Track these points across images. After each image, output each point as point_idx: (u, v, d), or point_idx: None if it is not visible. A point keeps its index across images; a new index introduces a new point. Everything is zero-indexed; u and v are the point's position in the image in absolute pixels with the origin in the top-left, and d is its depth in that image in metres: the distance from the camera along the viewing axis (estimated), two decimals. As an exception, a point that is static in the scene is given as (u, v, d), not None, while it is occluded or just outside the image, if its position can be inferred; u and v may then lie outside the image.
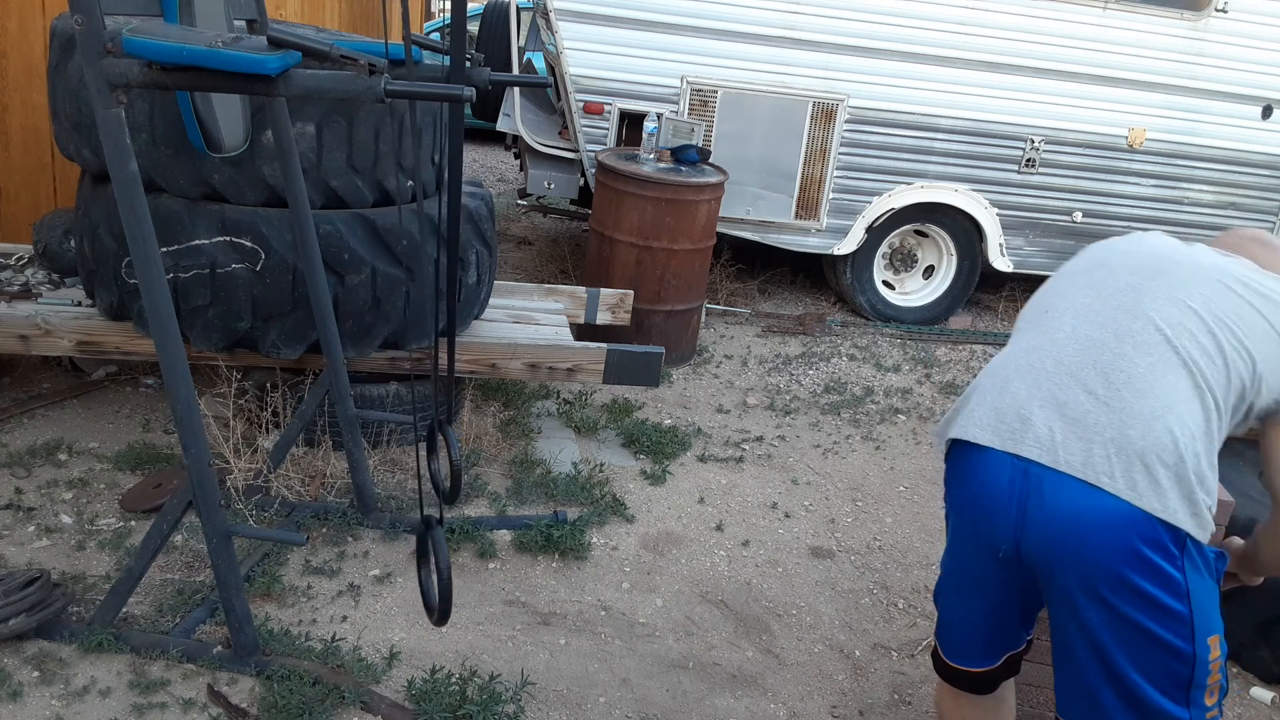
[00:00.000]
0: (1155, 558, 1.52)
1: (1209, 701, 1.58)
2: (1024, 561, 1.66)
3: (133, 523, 2.98)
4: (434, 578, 2.07)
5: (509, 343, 3.56)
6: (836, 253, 5.51)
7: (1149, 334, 1.61)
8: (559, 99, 5.38)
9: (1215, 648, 1.57)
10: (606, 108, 5.05)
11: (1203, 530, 1.54)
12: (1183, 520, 1.51)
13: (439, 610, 2.07)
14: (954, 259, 5.69)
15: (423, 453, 3.46)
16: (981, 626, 1.84)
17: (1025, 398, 1.64)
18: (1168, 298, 1.65)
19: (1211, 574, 1.58)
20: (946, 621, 1.90)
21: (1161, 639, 1.54)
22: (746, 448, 4.00)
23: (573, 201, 5.93)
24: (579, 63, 4.95)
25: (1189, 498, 1.52)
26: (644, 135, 4.83)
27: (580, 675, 2.58)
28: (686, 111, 5.08)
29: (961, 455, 1.74)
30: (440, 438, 2.44)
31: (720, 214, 4.79)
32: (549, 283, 5.29)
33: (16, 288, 3.45)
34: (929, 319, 5.76)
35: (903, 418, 4.48)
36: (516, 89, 5.42)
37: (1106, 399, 1.58)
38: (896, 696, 2.67)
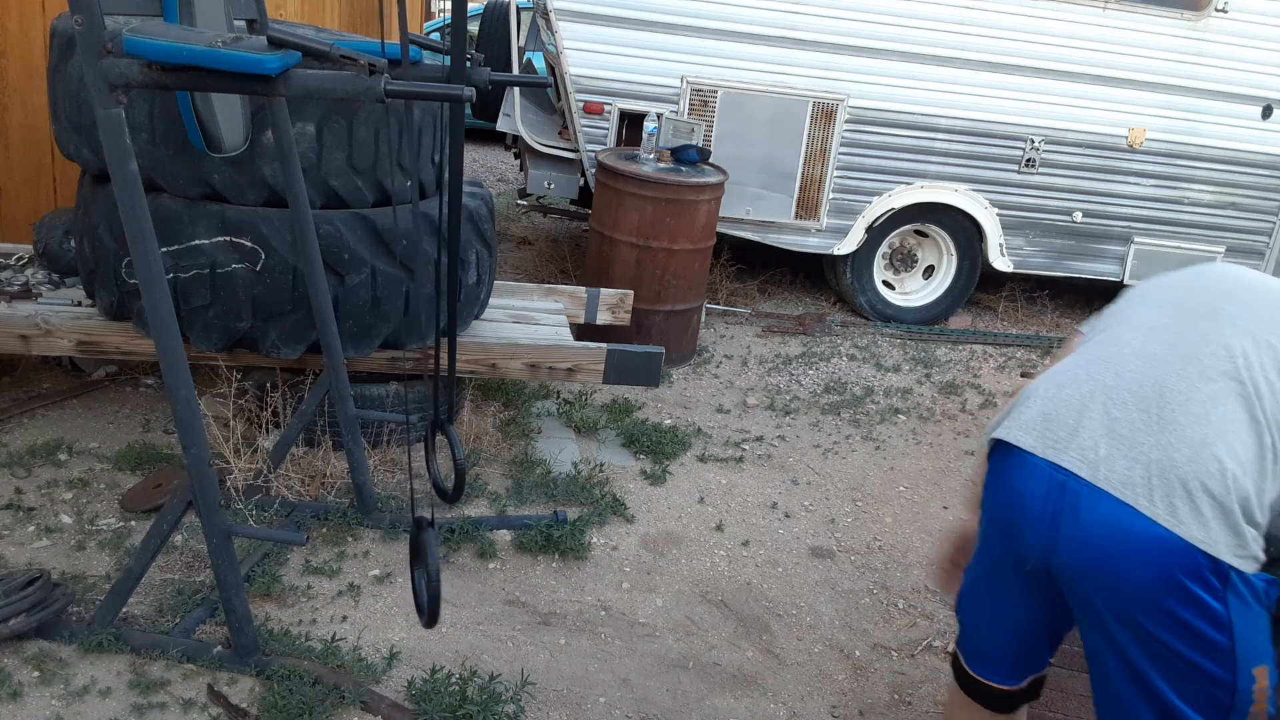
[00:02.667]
0: (1195, 588, 1.45)
1: None
2: (1053, 578, 1.61)
3: (133, 523, 2.98)
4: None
5: (509, 343, 3.56)
6: (836, 253, 5.51)
7: (1217, 361, 1.54)
8: (559, 99, 5.38)
9: (1262, 678, 1.50)
10: (606, 108, 5.05)
11: (1249, 562, 1.47)
12: (1223, 553, 1.44)
13: (428, 612, 2.07)
14: (954, 259, 5.69)
15: (418, 452, 3.46)
16: (1006, 639, 1.77)
17: (1078, 407, 1.59)
18: (1245, 329, 1.58)
19: (1261, 602, 1.50)
20: (970, 627, 1.83)
21: (1201, 667, 1.48)
22: (746, 448, 4.00)
23: (573, 201, 5.93)
24: (579, 63, 4.95)
25: (1234, 530, 1.45)
26: (644, 135, 4.83)
27: (580, 675, 2.58)
28: (686, 111, 5.08)
29: (1002, 458, 1.67)
30: (442, 437, 2.45)
31: (720, 214, 4.79)
32: (549, 283, 5.28)
33: (16, 288, 3.45)
34: (929, 319, 5.75)
35: (903, 418, 4.48)
36: (516, 89, 5.42)
37: (1159, 418, 1.51)
38: (896, 696, 2.67)
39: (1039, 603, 1.68)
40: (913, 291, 5.84)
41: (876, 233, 5.52)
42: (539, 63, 7.22)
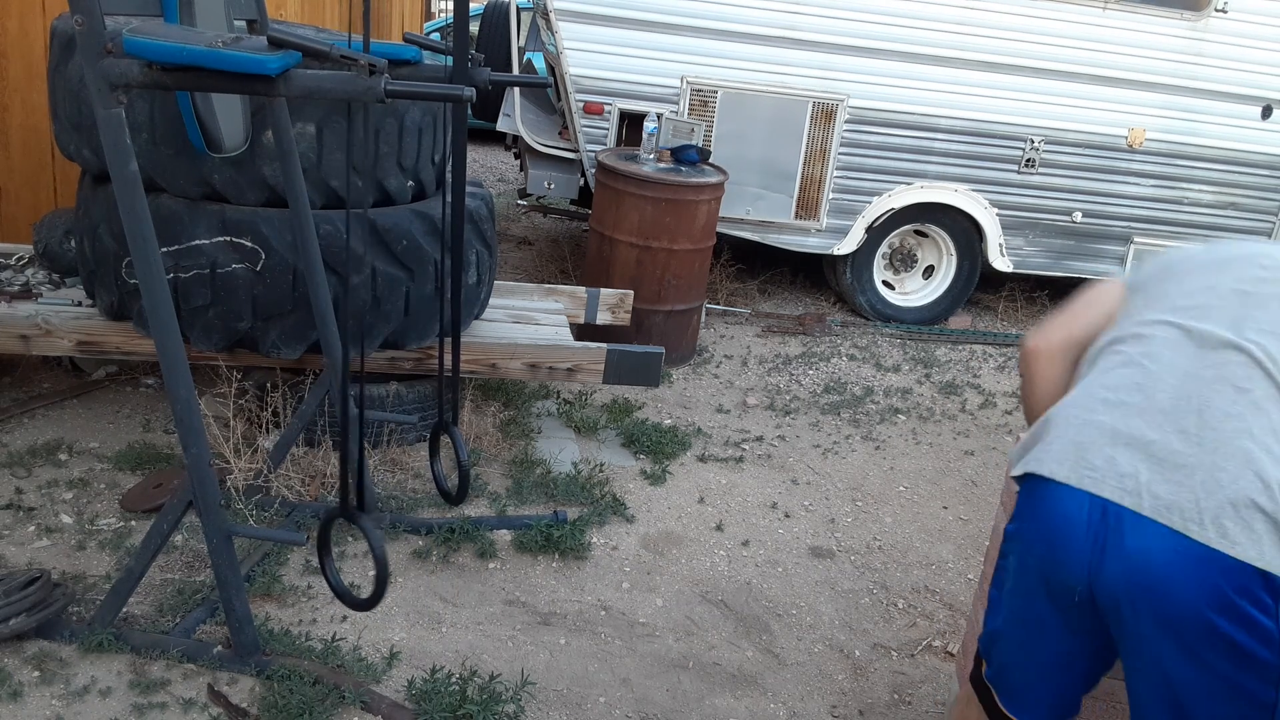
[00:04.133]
0: (1247, 607, 1.40)
1: None
2: (1097, 610, 1.53)
3: (133, 523, 2.98)
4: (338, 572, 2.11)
5: (509, 343, 3.56)
6: (836, 253, 5.51)
7: (1249, 370, 1.49)
8: (559, 99, 5.38)
9: None
10: (606, 108, 5.05)
11: None
12: (1279, 568, 1.39)
13: (373, 594, 2.13)
14: (954, 259, 5.69)
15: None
16: (1046, 677, 1.67)
17: (1111, 433, 1.52)
18: (1272, 330, 1.52)
19: None
20: (1004, 666, 1.72)
21: (1244, 688, 1.43)
22: (746, 448, 4.00)
23: (573, 201, 5.93)
24: (579, 63, 4.95)
25: None
26: (644, 135, 4.83)
27: (580, 675, 2.58)
28: (686, 111, 5.08)
29: (1036, 489, 1.59)
30: (445, 437, 2.44)
31: (720, 214, 4.79)
32: (549, 283, 5.29)
33: (17, 288, 3.45)
34: (929, 319, 5.76)
35: (903, 418, 4.48)
36: (516, 89, 5.42)
37: (1199, 440, 1.45)
38: (896, 696, 2.67)
39: (1080, 639, 1.60)
40: (913, 291, 5.84)
41: (876, 233, 5.53)
42: (539, 63, 7.23)
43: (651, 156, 4.74)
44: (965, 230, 5.61)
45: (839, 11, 5.04)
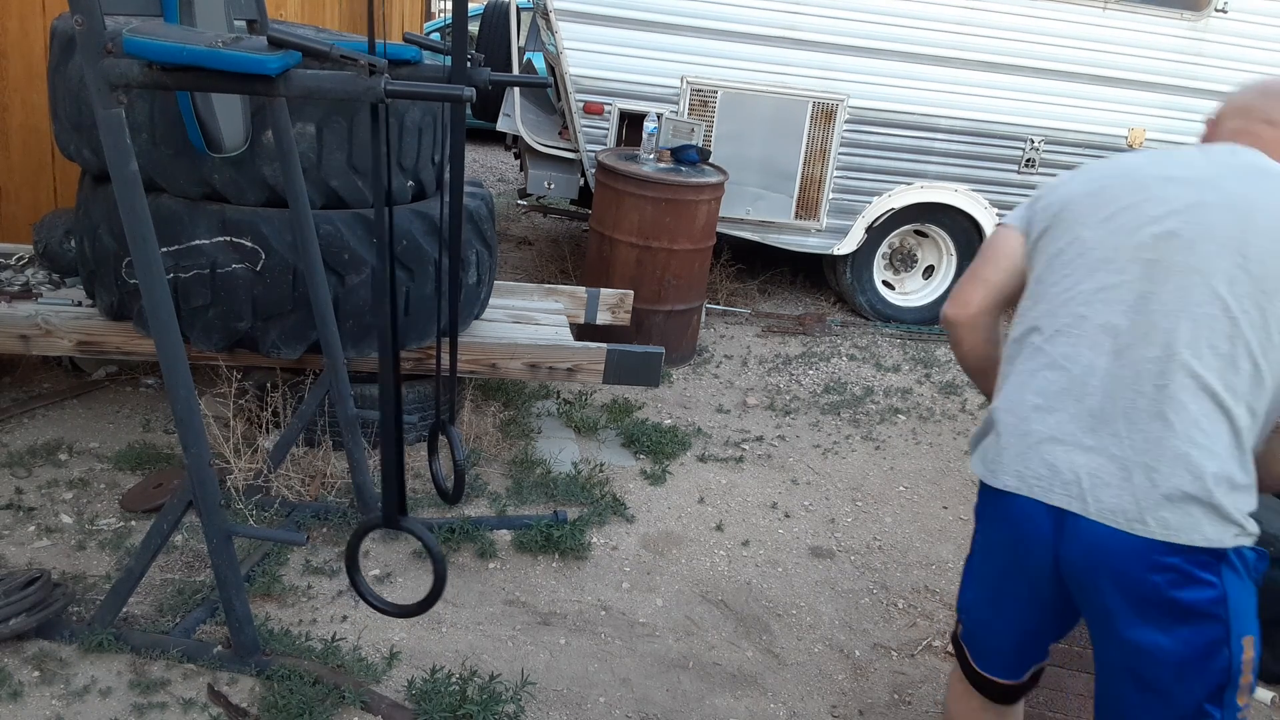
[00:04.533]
0: (1194, 570, 1.51)
1: (1241, 701, 1.58)
2: (1061, 580, 1.66)
3: (133, 523, 2.98)
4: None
5: (509, 343, 3.56)
6: (836, 253, 5.51)
7: (1162, 365, 1.54)
8: (559, 99, 5.38)
9: (1249, 648, 1.57)
10: (606, 108, 5.05)
11: (1245, 538, 1.53)
12: (1224, 540, 1.51)
13: (429, 595, 2.13)
14: (954, 259, 5.69)
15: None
16: (1014, 639, 1.82)
17: (1049, 440, 1.61)
18: (1179, 309, 1.54)
19: (1250, 575, 1.57)
20: (975, 631, 1.87)
21: (1198, 647, 1.54)
22: (746, 448, 4.00)
23: (573, 201, 5.93)
24: (579, 63, 4.95)
25: (1225, 518, 1.50)
26: (644, 135, 4.83)
27: (580, 675, 2.58)
28: (686, 111, 5.08)
29: (992, 495, 1.72)
30: (443, 437, 2.44)
31: (720, 214, 4.79)
32: (549, 283, 5.29)
33: (17, 288, 3.45)
34: (929, 319, 5.75)
35: (903, 418, 4.48)
36: (516, 89, 5.42)
37: (1131, 443, 1.54)
38: (896, 696, 2.67)
39: (1047, 607, 1.73)
40: (913, 291, 5.84)
41: (876, 233, 5.52)
42: (539, 63, 7.22)
43: (651, 156, 4.74)
44: (965, 230, 5.61)
45: (839, 11, 5.04)
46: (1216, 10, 5.26)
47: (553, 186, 5.36)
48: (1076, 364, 1.61)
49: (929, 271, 5.82)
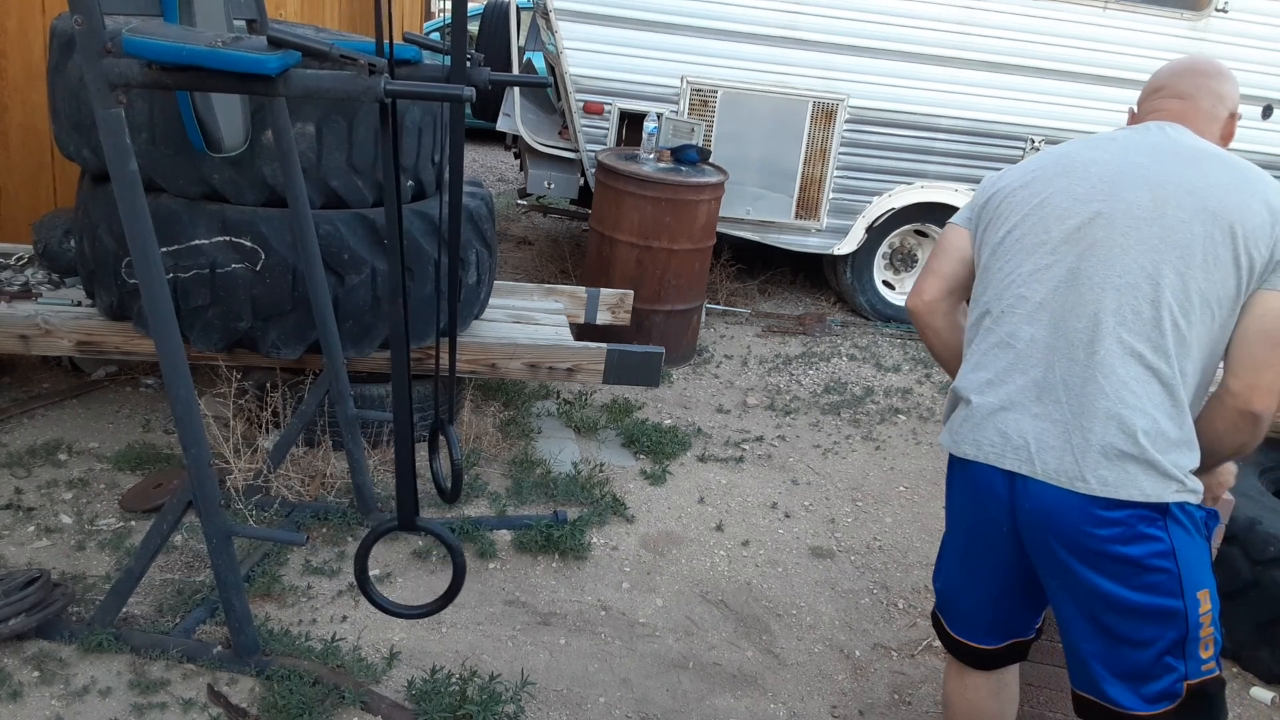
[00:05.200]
0: (1138, 526, 1.63)
1: (1205, 654, 1.67)
2: (1020, 540, 1.80)
3: (133, 523, 2.98)
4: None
5: (509, 343, 3.56)
6: (836, 253, 5.51)
7: (1091, 334, 1.67)
8: (559, 99, 5.38)
9: (1205, 601, 1.66)
10: (606, 108, 5.05)
11: (1187, 494, 1.64)
12: (1164, 496, 1.62)
13: (446, 593, 2.13)
14: (954, 259, 5.68)
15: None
16: (985, 600, 1.94)
17: (1000, 412, 1.76)
18: (1104, 281, 1.67)
19: (1200, 532, 1.68)
20: (948, 593, 2.01)
21: (1152, 601, 1.64)
22: (746, 448, 4.00)
23: (573, 201, 5.93)
24: (579, 63, 4.95)
25: (1164, 474, 1.62)
26: (644, 135, 4.83)
27: (580, 675, 2.58)
28: (686, 111, 5.08)
29: (956, 463, 1.91)
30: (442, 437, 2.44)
31: (720, 214, 4.79)
32: (549, 283, 5.29)
33: (16, 288, 3.45)
34: (929, 319, 5.74)
35: (903, 418, 4.48)
36: (516, 89, 5.42)
37: (1070, 407, 1.68)
38: (896, 696, 2.67)
39: (1010, 568, 1.86)
40: (913, 291, 5.84)
41: (876, 233, 5.52)
42: (539, 63, 7.22)
43: (651, 156, 4.74)
44: (965, 230, 5.59)
45: (839, 11, 5.04)
46: (1217, 10, 5.26)
47: (552, 186, 5.36)
48: (1020, 340, 1.76)
49: (929, 271, 5.81)
